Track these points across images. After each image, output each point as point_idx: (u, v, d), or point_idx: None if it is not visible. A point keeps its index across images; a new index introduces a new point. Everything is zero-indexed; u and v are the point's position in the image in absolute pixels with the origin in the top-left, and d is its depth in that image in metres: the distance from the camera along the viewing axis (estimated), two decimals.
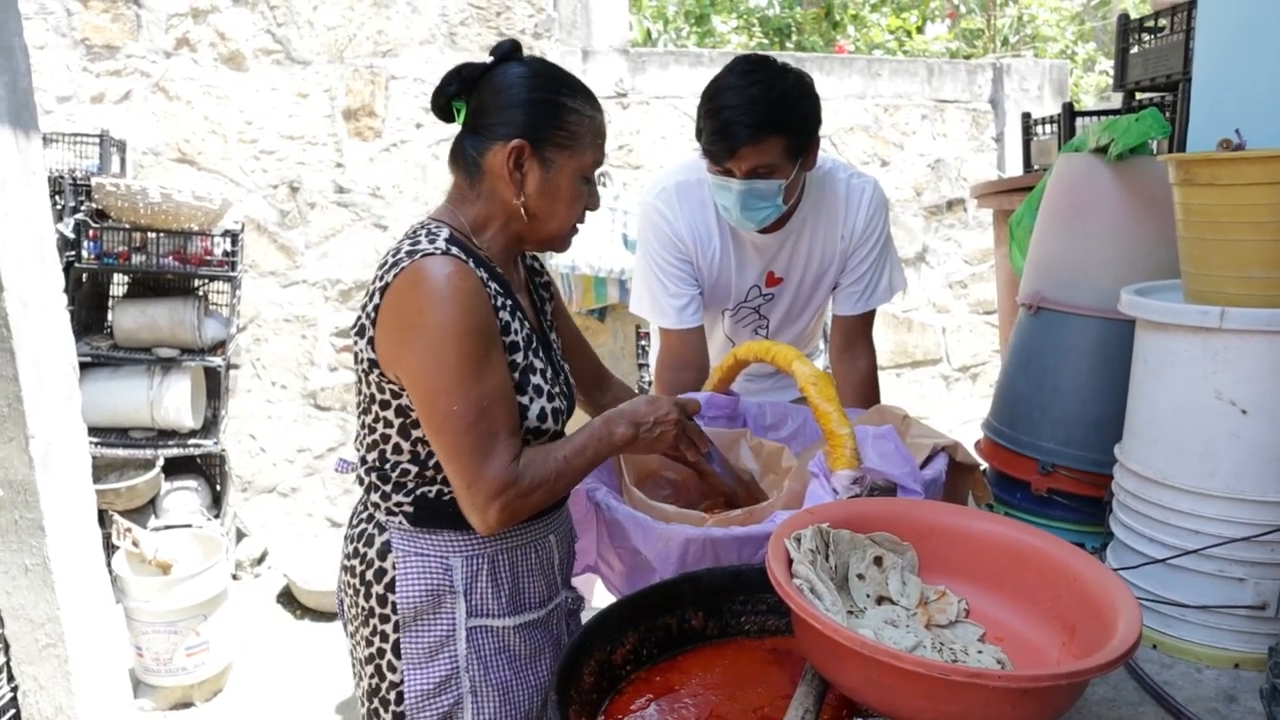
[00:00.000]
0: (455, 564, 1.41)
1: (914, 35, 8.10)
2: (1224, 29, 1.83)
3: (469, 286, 1.30)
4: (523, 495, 1.32)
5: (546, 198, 1.40)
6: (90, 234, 3.56)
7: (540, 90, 1.39)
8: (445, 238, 1.35)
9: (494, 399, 1.31)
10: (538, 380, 1.41)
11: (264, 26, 4.10)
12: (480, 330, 1.30)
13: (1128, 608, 0.99)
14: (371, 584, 1.42)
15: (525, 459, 1.33)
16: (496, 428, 1.30)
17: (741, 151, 1.81)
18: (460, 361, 1.28)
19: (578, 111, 1.40)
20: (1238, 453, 1.27)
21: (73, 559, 2.58)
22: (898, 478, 1.44)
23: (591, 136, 1.42)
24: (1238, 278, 1.28)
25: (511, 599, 1.45)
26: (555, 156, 1.39)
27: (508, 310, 1.39)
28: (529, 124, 1.37)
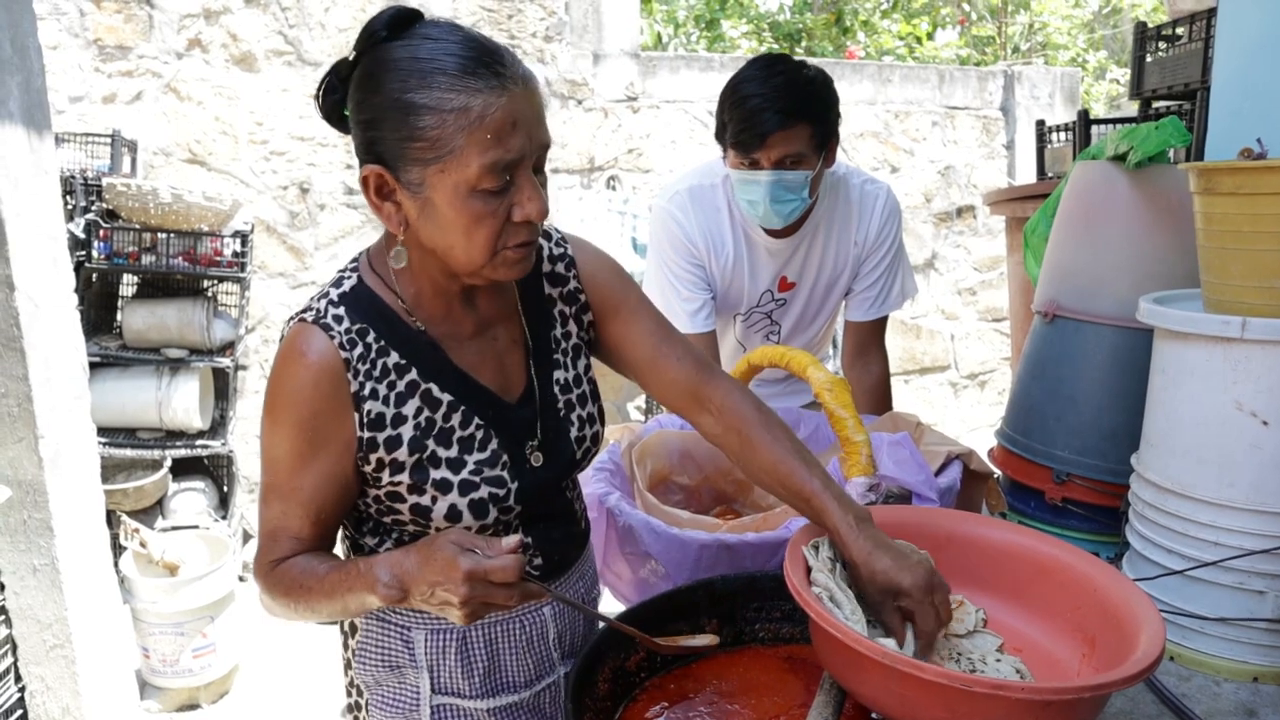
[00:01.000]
0: (416, 637, 1.23)
1: (924, 42, 8.10)
2: (1244, 37, 1.82)
3: (310, 377, 1.09)
4: (268, 600, 1.15)
5: (433, 228, 1.07)
6: (101, 234, 3.56)
7: (390, 88, 1.03)
8: (344, 291, 1.14)
9: (285, 498, 1.12)
10: (443, 474, 1.14)
11: (276, 28, 4.11)
12: (301, 426, 1.10)
13: (1150, 620, 0.98)
14: (347, 635, 1.30)
15: (285, 565, 1.13)
16: (278, 526, 1.14)
17: (771, 139, 1.81)
18: (270, 444, 1.13)
19: (433, 109, 1.01)
20: (1258, 464, 1.26)
21: (81, 560, 2.58)
22: (913, 485, 1.43)
23: (466, 135, 1.01)
24: (1259, 287, 1.27)
25: (487, 679, 1.26)
26: (420, 177, 1.04)
27: (397, 392, 1.13)
28: (381, 140, 1.05)
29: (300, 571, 1.11)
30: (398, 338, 1.14)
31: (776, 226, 1.95)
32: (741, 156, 1.86)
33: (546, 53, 4.43)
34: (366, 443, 1.12)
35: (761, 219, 1.93)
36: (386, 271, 1.16)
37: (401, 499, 1.16)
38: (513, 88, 1.03)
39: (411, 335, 1.15)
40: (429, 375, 1.16)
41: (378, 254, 1.19)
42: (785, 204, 1.88)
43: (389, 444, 1.12)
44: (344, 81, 1.10)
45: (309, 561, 1.13)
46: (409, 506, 1.16)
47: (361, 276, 1.16)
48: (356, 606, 1.08)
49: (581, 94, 4.51)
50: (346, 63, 1.09)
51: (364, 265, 1.18)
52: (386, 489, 1.16)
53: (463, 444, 1.16)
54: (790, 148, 1.82)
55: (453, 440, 1.16)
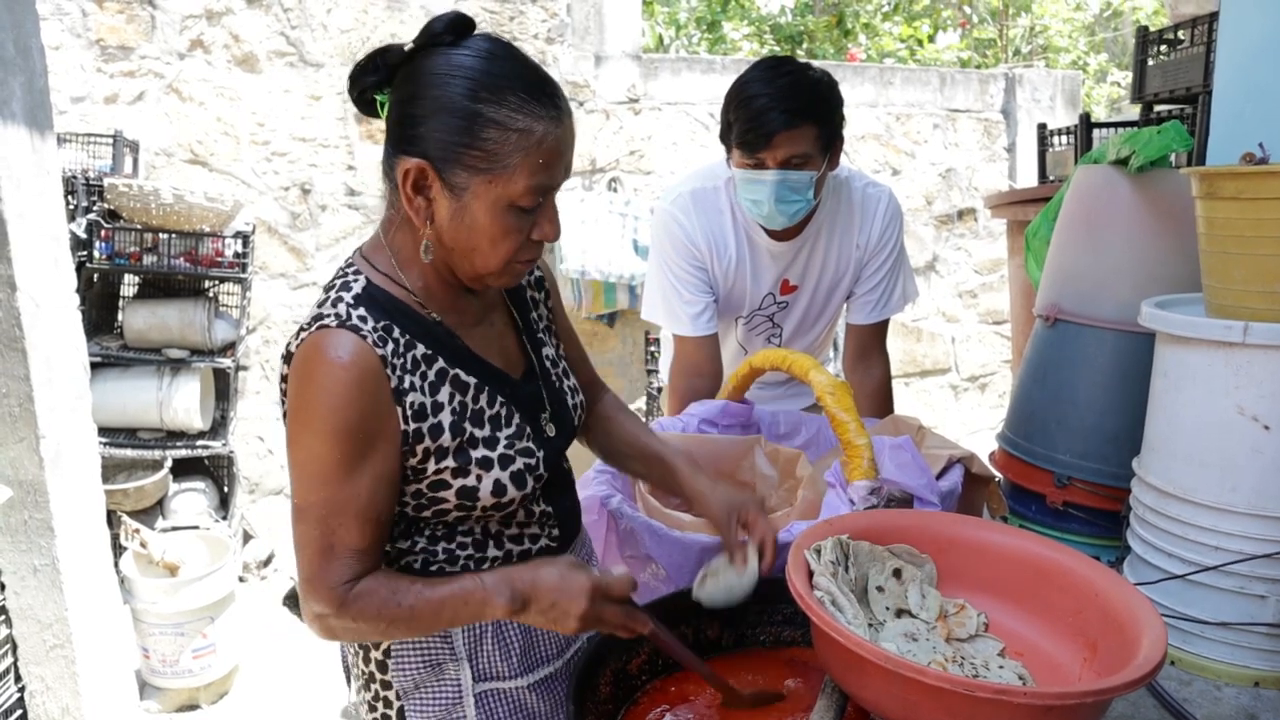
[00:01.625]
0: (454, 631, 1.25)
1: (925, 44, 8.10)
2: (1246, 42, 1.82)
3: (351, 379, 1.09)
4: (343, 621, 1.12)
5: (461, 230, 1.12)
6: (102, 234, 3.56)
7: (455, 92, 1.07)
8: (356, 293, 1.15)
9: (339, 511, 1.11)
10: (483, 452, 1.18)
11: (278, 29, 4.11)
12: (349, 433, 1.09)
13: (1152, 625, 0.98)
14: (370, 649, 1.29)
15: (362, 587, 1.12)
16: (335, 542, 1.11)
17: (777, 138, 1.81)
18: (310, 458, 1.10)
19: (501, 125, 1.07)
20: (1260, 469, 1.26)
21: (81, 560, 2.58)
22: (915, 489, 1.43)
23: (523, 156, 1.08)
24: (1262, 292, 1.27)
25: (524, 657, 1.29)
26: (466, 182, 1.09)
27: (427, 388, 1.16)
28: (433, 138, 1.08)
29: (390, 592, 1.13)
30: (420, 330, 1.17)
31: (780, 227, 1.94)
32: (747, 156, 1.86)
33: (548, 54, 4.43)
34: (413, 435, 1.14)
35: (765, 219, 1.93)
36: (391, 269, 1.19)
37: (447, 485, 1.18)
38: (566, 120, 1.13)
39: (430, 326, 1.19)
40: (454, 362, 1.19)
41: (374, 252, 1.21)
42: (790, 204, 1.88)
43: (433, 432, 1.15)
44: (388, 68, 1.13)
45: (393, 581, 1.14)
46: (455, 491, 1.18)
47: (368, 276, 1.18)
48: (467, 619, 1.17)
49: (583, 96, 4.51)
50: (398, 50, 1.13)
51: (364, 266, 1.19)
52: (430, 479, 1.18)
53: (493, 422, 1.21)
54: (796, 148, 1.82)
55: (484, 420, 1.20)
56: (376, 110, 1.16)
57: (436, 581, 1.15)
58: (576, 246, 4.22)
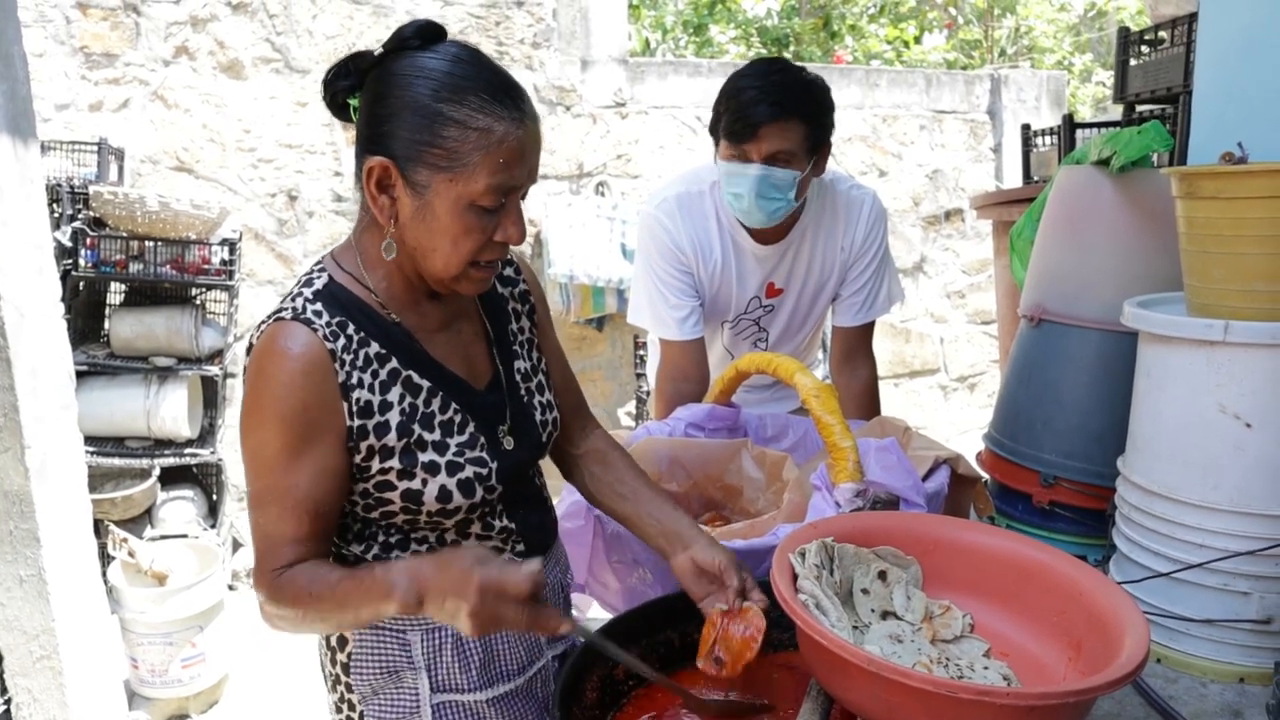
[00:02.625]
0: (413, 639, 1.25)
1: (911, 46, 8.13)
2: (1226, 42, 1.83)
3: (298, 369, 1.11)
4: (274, 612, 1.14)
5: (423, 229, 1.14)
6: (88, 242, 3.55)
7: (418, 92, 1.10)
8: (317, 289, 1.17)
9: (279, 499, 1.12)
10: (430, 456, 1.18)
11: (263, 35, 4.11)
12: (292, 422, 1.11)
13: (1134, 624, 0.98)
14: (335, 650, 1.30)
15: (289, 574, 1.12)
16: (271, 529, 1.13)
17: (763, 130, 1.81)
18: (258, 446, 1.13)
19: (461, 124, 1.09)
20: (1242, 466, 1.27)
21: (68, 570, 2.56)
22: (901, 491, 1.43)
23: (483, 154, 1.09)
24: (1241, 291, 1.28)
25: (484, 671, 1.28)
26: (428, 180, 1.11)
27: (377, 387, 1.16)
28: (395, 136, 1.11)
29: (308, 580, 1.12)
30: (376, 329, 1.18)
31: (758, 225, 1.94)
32: (732, 147, 1.86)
33: (534, 59, 4.44)
34: (357, 431, 1.15)
35: (745, 214, 1.92)
36: (356, 269, 1.21)
37: (392, 486, 1.18)
38: (529, 124, 1.14)
39: (388, 326, 1.20)
40: (408, 363, 1.20)
41: (343, 254, 1.23)
42: (770, 201, 1.88)
43: (378, 430, 1.16)
44: (360, 72, 1.16)
45: (316, 569, 1.13)
46: (400, 493, 1.18)
47: (331, 275, 1.20)
48: (369, 615, 1.12)
49: (570, 100, 4.51)
50: (369, 55, 1.16)
51: (330, 265, 1.22)
52: (376, 479, 1.18)
53: (444, 428, 1.21)
54: (782, 143, 1.83)
55: (434, 424, 1.20)
56: (350, 114, 1.19)
57: (353, 571, 1.13)
58: (564, 251, 4.22)
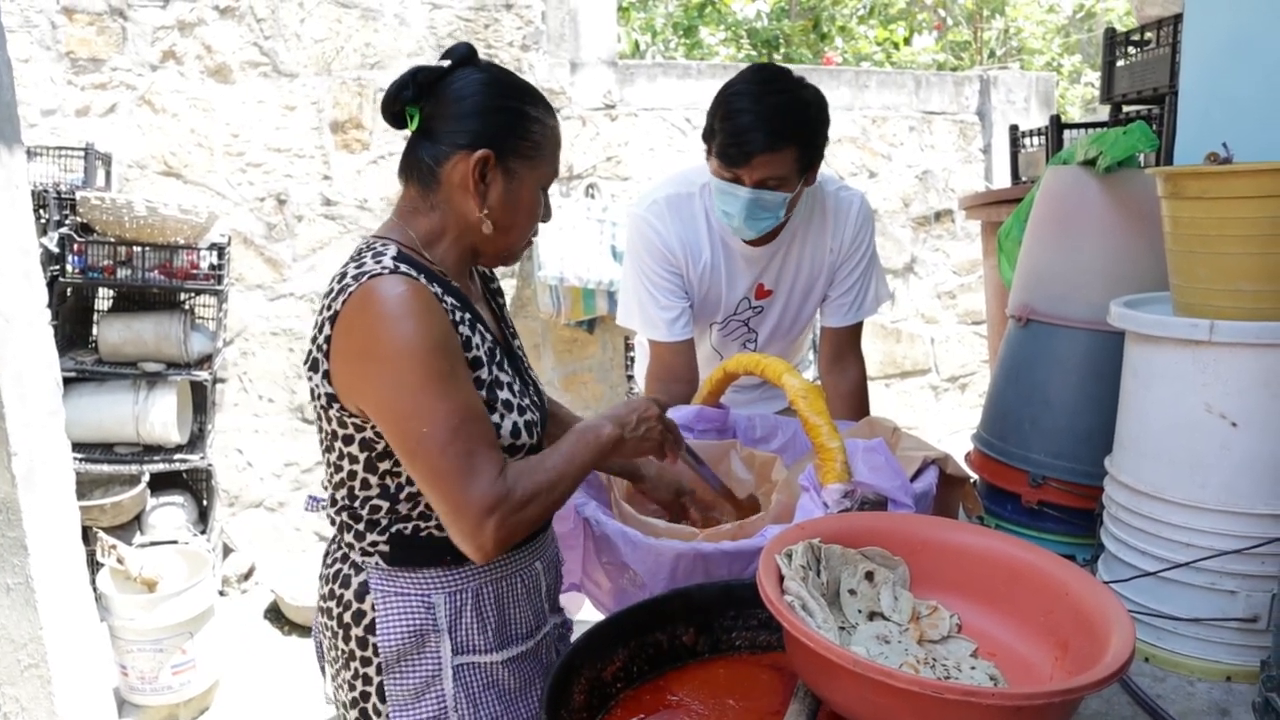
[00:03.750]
0: (438, 601, 1.34)
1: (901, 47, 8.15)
2: (1210, 43, 1.84)
3: (423, 302, 1.23)
4: (516, 510, 1.23)
5: (509, 210, 1.35)
6: (75, 248, 3.53)
7: (502, 98, 1.33)
8: (393, 255, 1.28)
9: (466, 415, 1.23)
10: (506, 395, 1.35)
11: (251, 39, 4.09)
12: (441, 347, 1.23)
13: (1121, 623, 0.98)
14: (350, 626, 1.35)
15: (513, 473, 1.25)
16: (474, 445, 1.22)
17: (756, 160, 1.81)
18: (424, 382, 1.20)
19: (540, 121, 1.35)
20: (1228, 465, 1.27)
21: (56, 577, 2.54)
22: (889, 491, 1.43)
23: (552, 147, 1.37)
24: (1227, 290, 1.28)
25: (499, 632, 1.39)
26: (518, 167, 1.33)
27: (467, 324, 1.32)
28: (493, 133, 1.31)
29: (535, 462, 1.29)
30: (447, 287, 1.33)
31: (747, 239, 1.96)
32: (724, 169, 1.86)
33: (524, 62, 4.43)
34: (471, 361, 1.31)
35: (735, 230, 1.94)
36: (413, 245, 1.34)
37: None
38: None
39: (454, 289, 1.34)
40: (474, 319, 1.35)
41: (394, 232, 1.35)
42: (760, 220, 1.89)
43: (474, 363, 1.31)
44: (423, 84, 1.32)
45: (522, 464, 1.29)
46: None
47: (400, 248, 1.31)
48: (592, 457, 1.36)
49: (559, 102, 4.51)
50: (436, 70, 1.33)
51: (390, 242, 1.33)
52: None
53: (505, 373, 1.38)
54: (775, 170, 1.82)
55: (502, 368, 1.37)
56: (405, 122, 1.35)
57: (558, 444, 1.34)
58: (554, 253, 4.22)
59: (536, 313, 4.47)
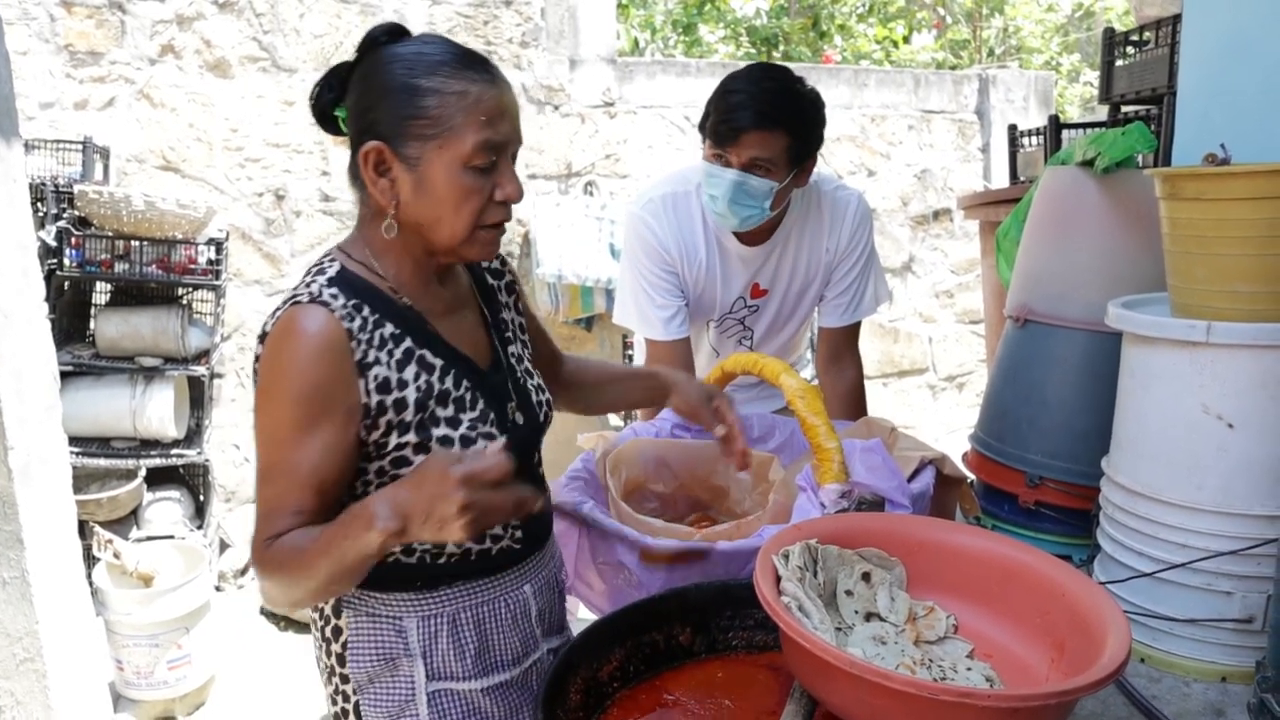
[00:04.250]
0: (409, 625, 1.27)
1: (900, 46, 8.15)
2: (1209, 43, 1.84)
3: (315, 347, 1.14)
4: (265, 581, 1.16)
5: (425, 202, 1.19)
6: (73, 242, 3.52)
7: (392, 76, 1.17)
8: (330, 276, 1.21)
9: (288, 473, 1.14)
10: (444, 431, 1.23)
11: (250, 34, 4.09)
12: (307, 398, 1.14)
13: (1117, 625, 0.98)
14: (330, 641, 1.31)
15: (278, 543, 1.13)
16: (277, 506, 1.14)
17: (745, 137, 1.81)
18: (271, 423, 1.16)
19: (437, 91, 1.15)
20: (1225, 467, 1.27)
21: (52, 572, 2.54)
22: (886, 491, 1.43)
23: (465, 115, 1.16)
24: (1224, 292, 1.28)
25: (479, 659, 1.31)
26: (418, 151, 1.16)
27: (396, 359, 1.20)
28: (382, 120, 1.17)
29: (295, 539, 1.12)
30: (389, 311, 1.23)
31: (731, 229, 1.95)
32: (715, 148, 1.87)
33: (523, 58, 4.43)
34: (375, 407, 1.19)
35: (719, 216, 1.92)
36: (365, 258, 1.25)
37: (408, 462, 1.22)
38: (501, 83, 1.22)
39: (400, 309, 1.24)
40: (421, 343, 1.24)
41: (351, 245, 1.28)
42: (744, 207, 1.88)
43: (396, 406, 1.20)
44: (341, 82, 1.23)
45: (305, 530, 1.14)
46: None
47: (343, 264, 1.24)
48: (355, 556, 1.07)
49: (558, 99, 4.51)
50: (346, 65, 1.24)
51: (339, 255, 1.26)
52: (393, 455, 1.22)
53: (457, 404, 1.26)
54: (762, 151, 1.82)
55: (449, 400, 1.25)
56: (338, 127, 1.25)
57: (320, 529, 1.12)
58: (553, 250, 4.22)
59: (535, 310, 4.47)
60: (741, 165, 1.83)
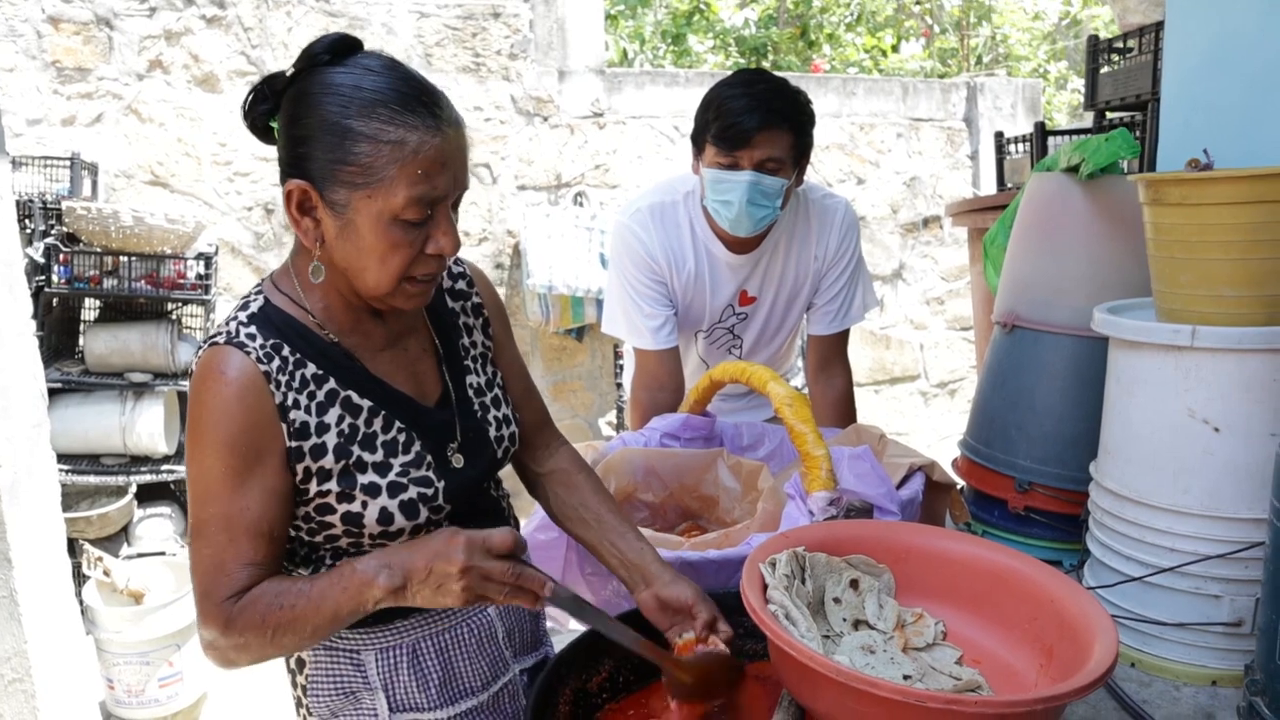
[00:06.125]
0: (367, 659, 1.24)
1: (889, 54, 8.18)
2: (1191, 50, 1.85)
3: (233, 391, 1.08)
4: (232, 644, 1.07)
5: (349, 249, 1.10)
6: (61, 258, 3.52)
7: (328, 111, 1.06)
8: (252, 312, 1.15)
9: (230, 525, 1.08)
10: (371, 478, 1.16)
11: (238, 48, 4.09)
12: (234, 446, 1.08)
13: (1104, 630, 0.98)
14: (294, 672, 1.30)
15: (248, 597, 1.07)
16: (225, 558, 1.08)
17: (756, 138, 1.82)
18: (202, 473, 1.09)
19: (372, 139, 1.05)
20: (1211, 470, 1.27)
21: (41, 591, 2.53)
22: (874, 498, 1.43)
23: (398, 166, 1.05)
24: (1208, 296, 1.29)
25: (444, 688, 1.27)
26: (347, 199, 1.07)
27: (318, 402, 1.14)
28: (310, 158, 1.08)
29: (275, 594, 1.07)
30: (313, 350, 1.16)
31: (746, 233, 1.93)
32: (723, 154, 1.86)
33: (512, 70, 4.44)
34: (294, 453, 1.12)
35: (733, 222, 1.91)
36: (293, 290, 1.18)
37: (331, 509, 1.16)
38: (446, 130, 1.09)
39: (325, 347, 1.17)
40: (347, 383, 1.17)
41: (281, 276, 1.21)
42: (760, 208, 1.88)
43: (315, 452, 1.13)
44: (276, 94, 1.13)
45: (279, 583, 1.09)
46: (340, 516, 1.16)
47: (268, 297, 1.18)
48: (349, 611, 1.07)
49: (547, 111, 4.52)
50: (282, 77, 1.12)
51: (268, 288, 1.20)
52: (315, 502, 1.16)
53: (387, 448, 1.18)
54: (773, 150, 1.84)
55: (377, 445, 1.18)
56: (274, 137, 1.15)
57: (319, 576, 1.09)
58: (543, 261, 4.22)
59: (525, 321, 4.47)
60: (754, 166, 1.84)
